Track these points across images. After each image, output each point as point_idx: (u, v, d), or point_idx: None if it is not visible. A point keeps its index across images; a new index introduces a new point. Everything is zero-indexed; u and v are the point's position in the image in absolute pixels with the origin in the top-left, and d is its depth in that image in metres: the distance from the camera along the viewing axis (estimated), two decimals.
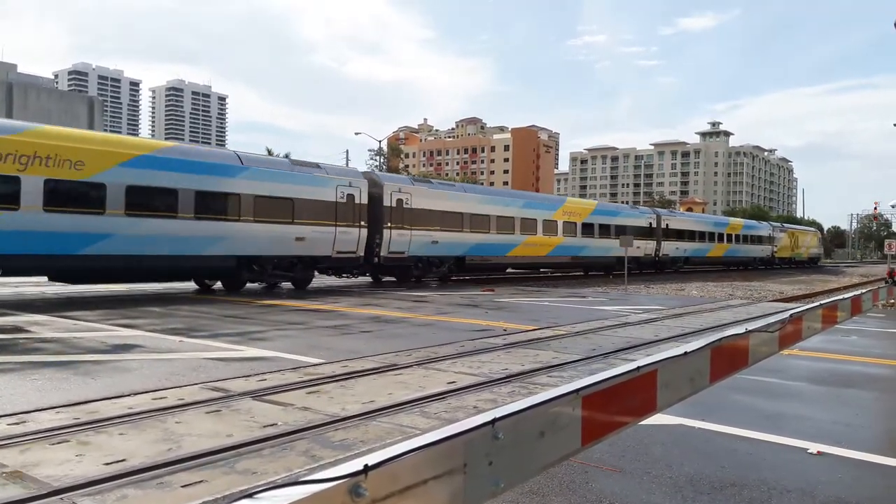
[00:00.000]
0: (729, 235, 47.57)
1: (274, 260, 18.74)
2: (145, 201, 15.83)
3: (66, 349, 8.22)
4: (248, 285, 19.30)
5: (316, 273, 21.10)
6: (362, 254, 21.18)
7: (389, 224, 22.30)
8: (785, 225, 62.31)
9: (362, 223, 21.02)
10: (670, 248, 39.75)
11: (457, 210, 25.35)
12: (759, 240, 51.54)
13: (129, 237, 15.41)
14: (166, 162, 16.40)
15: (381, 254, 22.04)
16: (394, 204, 22.57)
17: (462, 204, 25.83)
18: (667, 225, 40.10)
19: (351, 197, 20.70)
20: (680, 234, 41.06)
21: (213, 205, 17.11)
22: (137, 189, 15.62)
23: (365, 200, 21.23)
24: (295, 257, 19.29)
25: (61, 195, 14.51)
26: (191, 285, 19.79)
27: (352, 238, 20.62)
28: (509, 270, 31.89)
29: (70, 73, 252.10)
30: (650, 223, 38.93)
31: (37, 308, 12.93)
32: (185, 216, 16.45)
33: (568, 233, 31.52)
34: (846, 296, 6.66)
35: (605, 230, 34.02)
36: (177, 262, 16.64)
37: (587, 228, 33.12)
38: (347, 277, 23.54)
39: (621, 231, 33.27)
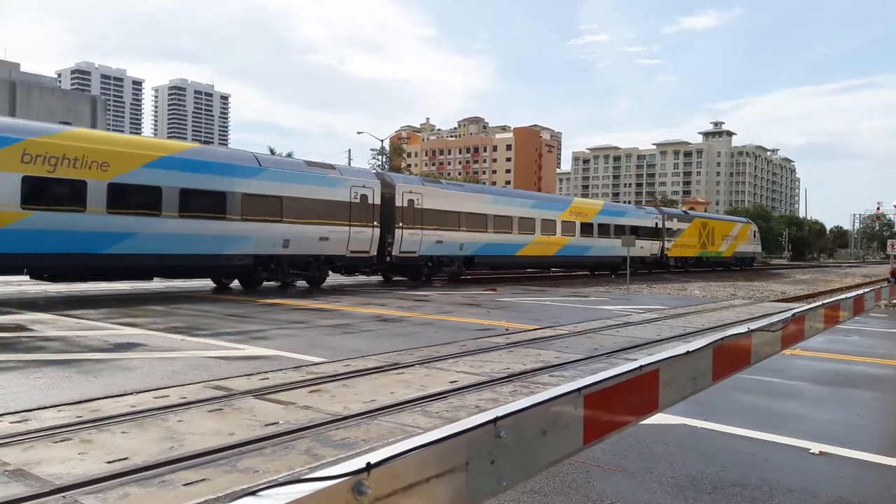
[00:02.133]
0: (569, 224, 31.26)
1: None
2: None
3: (69, 348, 8.24)
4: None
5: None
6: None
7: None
8: (692, 212, 49.71)
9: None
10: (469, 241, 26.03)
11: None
12: (634, 231, 34.49)
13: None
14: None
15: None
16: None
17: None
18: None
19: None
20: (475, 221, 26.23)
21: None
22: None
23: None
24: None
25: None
26: (207, 284, 19.92)
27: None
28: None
29: (73, 72, 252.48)
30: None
31: (39, 307, 12.95)
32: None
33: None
34: (849, 295, 6.65)
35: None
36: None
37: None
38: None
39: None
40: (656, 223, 38.54)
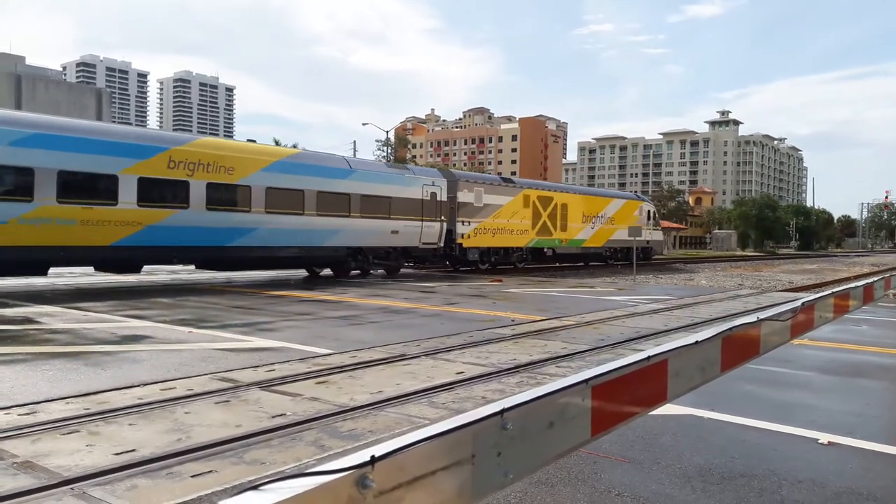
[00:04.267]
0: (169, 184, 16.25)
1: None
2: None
3: (77, 340, 8.27)
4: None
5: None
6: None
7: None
8: (522, 179, 32.30)
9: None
10: None
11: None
12: (370, 206, 20.95)
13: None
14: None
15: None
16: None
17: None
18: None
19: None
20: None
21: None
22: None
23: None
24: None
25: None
26: (215, 276, 20.13)
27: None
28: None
29: (78, 64, 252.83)
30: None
31: (47, 299, 13.00)
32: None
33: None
34: (858, 284, 6.59)
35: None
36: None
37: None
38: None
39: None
40: (430, 193, 23.08)
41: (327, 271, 22.06)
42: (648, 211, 38.65)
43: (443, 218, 23.70)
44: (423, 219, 22.82)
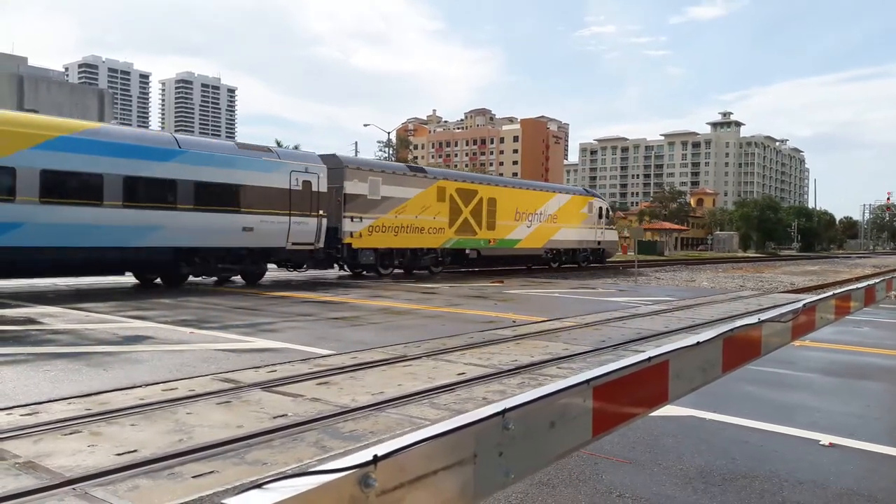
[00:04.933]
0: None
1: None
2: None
3: (78, 341, 8.28)
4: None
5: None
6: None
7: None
8: (434, 169, 29.49)
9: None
10: None
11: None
12: (210, 197, 16.97)
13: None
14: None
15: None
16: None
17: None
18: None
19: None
20: None
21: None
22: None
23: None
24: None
25: None
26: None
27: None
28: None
29: (80, 65, 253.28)
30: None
31: (49, 300, 13.02)
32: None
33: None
34: (859, 285, 6.59)
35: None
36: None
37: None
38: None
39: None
40: (302, 181, 18.90)
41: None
42: (600, 207, 33.50)
43: (321, 212, 19.29)
44: (292, 213, 18.47)
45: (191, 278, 17.63)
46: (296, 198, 18.62)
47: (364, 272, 22.57)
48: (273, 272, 20.79)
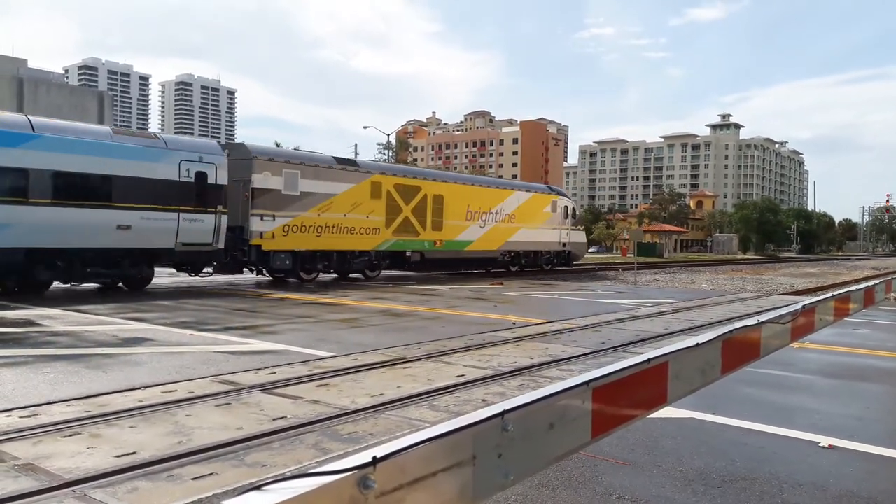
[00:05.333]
0: None
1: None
2: None
3: (78, 343, 8.28)
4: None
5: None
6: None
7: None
8: (367, 161, 29.39)
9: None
10: None
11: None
12: (72, 189, 14.73)
13: None
14: None
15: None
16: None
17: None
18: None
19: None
20: None
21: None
22: None
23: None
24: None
25: None
26: (216, 280, 19.73)
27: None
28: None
29: (80, 68, 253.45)
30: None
31: (48, 302, 13.02)
32: None
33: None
34: (858, 287, 6.60)
35: None
36: None
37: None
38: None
39: None
40: (195, 172, 16.68)
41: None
42: (566, 206, 30.37)
43: (221, 209, 16.71)
44: (182, 209, 15.96)
45: (57, 285, 15.44)
46: (186, 191, 16.08)
47: (285, 277, 19.98)
48: (166, 278, 19.01)
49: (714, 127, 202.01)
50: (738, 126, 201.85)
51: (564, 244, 30.07)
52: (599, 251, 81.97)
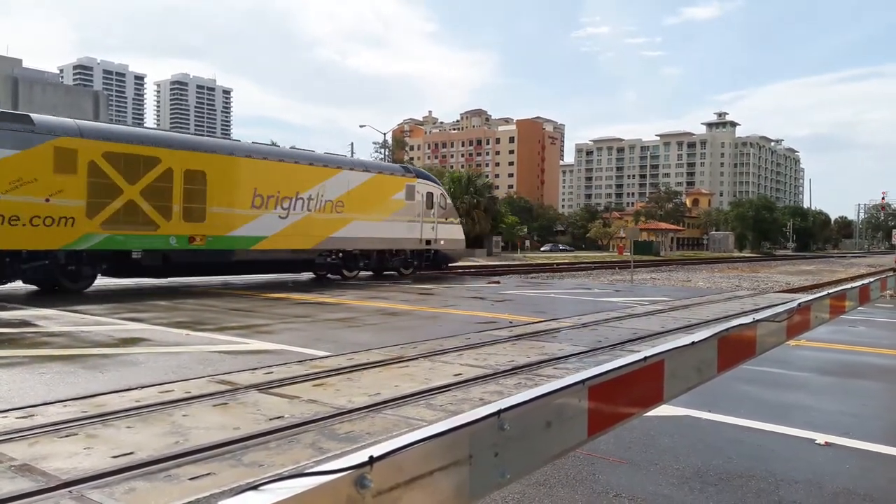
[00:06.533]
0: None
1: None
2: None
3: (74, 343, 8.26)
4: None
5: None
6: None
7: None
8: (51, 120, 14.44)
9: None
10: None
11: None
12: None
13: None
14: None
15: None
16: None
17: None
18: None
19: None
20: None
21: None
22: None
23: None
24: None
25: None
26: (212, 280, 19.79)
27: None
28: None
29: (75, 67, 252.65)
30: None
31: (44, 302, 12.98)
32: None
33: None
34: (854, 285, 6.62)
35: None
36: None
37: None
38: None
39: None
40: None
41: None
42: (429, 193, 22.66)
43: None
44: None
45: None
46: None
47: None
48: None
49: (710, 125, 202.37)
50: (734, 124, 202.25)
51: (429, 241, 22.55)
52: (553, 250, 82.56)
